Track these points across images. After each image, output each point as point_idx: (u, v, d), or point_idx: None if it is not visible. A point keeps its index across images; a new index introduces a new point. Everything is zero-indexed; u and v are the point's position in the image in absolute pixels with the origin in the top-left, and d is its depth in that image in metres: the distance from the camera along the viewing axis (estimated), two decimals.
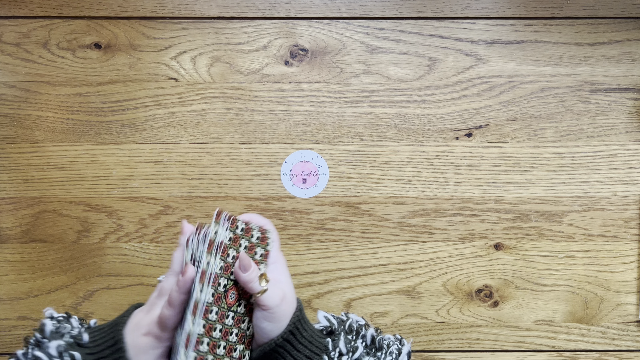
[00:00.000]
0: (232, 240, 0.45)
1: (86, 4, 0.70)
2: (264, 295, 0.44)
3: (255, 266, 0.45)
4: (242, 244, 0.46)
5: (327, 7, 0.70)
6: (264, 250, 0.48)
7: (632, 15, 0.71)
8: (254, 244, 0.47)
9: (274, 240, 0.49)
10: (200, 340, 0.42)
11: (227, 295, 0.44)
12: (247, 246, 0.46)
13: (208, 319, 0.42)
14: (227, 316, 0.44)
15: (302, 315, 0.47)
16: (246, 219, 0.49)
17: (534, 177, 0.72)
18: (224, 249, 0.44)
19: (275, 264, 0.48)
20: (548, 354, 0.73)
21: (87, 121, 0.71)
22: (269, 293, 0.44)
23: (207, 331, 0.42)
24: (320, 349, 0.46)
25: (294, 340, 0.45)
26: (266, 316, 0.44)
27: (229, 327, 0.44)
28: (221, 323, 0.44)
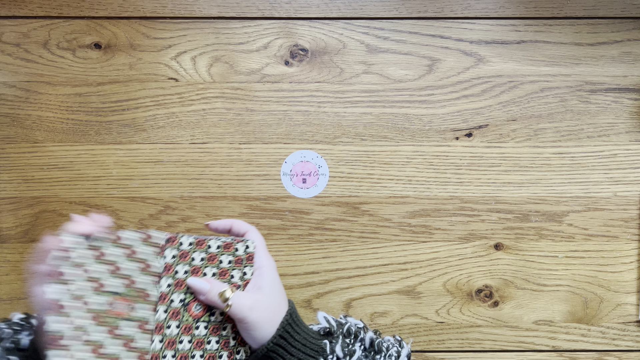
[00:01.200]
0: (176, 257, 0.45)
1: (86, 4, 0.70)
2: (230, 310, 0.44)
3: (213, 284, 0.45)
4: (196, 257, 0.46)
5: (327, 7, 0.70)
6: (232, 256, 0.47)
7: (632, 15, 0.71)
8: (213, 254, 0.47)
9: (257, 246, 0.48)
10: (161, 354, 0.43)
11: (189, 309, 0.45)
12: (205, 257, 0.46)
13: (164, 334, 0.43)
14: (197, 327, 0.45)
15: (294, 319, 0.46)
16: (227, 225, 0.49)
17: (534, 177, 0.72)
18: (168, 267, 0.45)
19: (260, 269, 0.47)
20: (548, 354, 0.73)
21: (87, 121, 0.71)
22: (235, 306, 0.44)
23: (168, 345, 0.43)
24: (316, 351, 0.46)
25: (285, 344, 0.45)
26: (242, 326, 0.45)
27: (203, 336, 0.45)
28: (189, 335, 0.44)
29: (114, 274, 0.42)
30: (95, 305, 0.41)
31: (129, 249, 0.44)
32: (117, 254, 0.43)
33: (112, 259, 0.43)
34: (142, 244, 0.45)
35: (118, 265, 0.43)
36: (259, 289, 0.46)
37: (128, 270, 0.43)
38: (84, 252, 0.41)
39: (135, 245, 0.45)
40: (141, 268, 0.44)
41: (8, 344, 0.45)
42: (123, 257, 0.43)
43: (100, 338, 0.40)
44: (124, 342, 0.42)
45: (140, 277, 0.44)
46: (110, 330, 0.41)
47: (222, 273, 0.47)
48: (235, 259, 0.48)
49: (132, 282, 0.43)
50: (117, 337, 0.41)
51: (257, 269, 0.47)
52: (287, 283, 0.72)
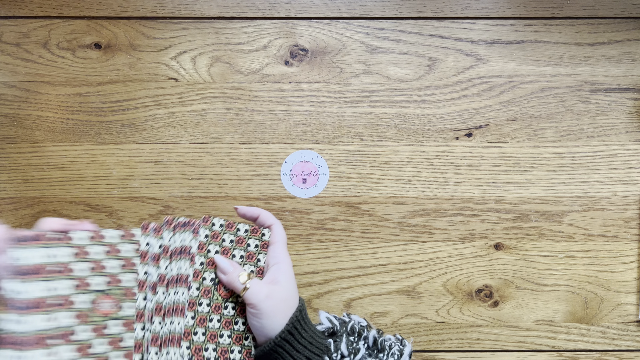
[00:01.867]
0: (208, 237, 0.46)
1: (86, 4, 0.70)
2: (247, 293, 0.44)
3: (235, 267, 0.46)
4: (226, 238, 0.47)
5: (327, 7, 0.70)
6: (258, 241, 0.48)
7: (632, 15, 0.71)
8: (242, 237, 0.48)
9: (278, 239, 0.49)
10: (192, 330, 0.43)
11: (219, 288, 0.46)
12: (234, 240, 0.47)
13: (196, 311, 0.44)
14: (226, 307, 0.46)
15: (303, 316, 0.47)
16: (255, 214, 0.50)
17: (534, 177, 0.72)
18: (201, 246, 0.45)
19: (277, 265, 0.48)
20: (548, 354, 0.73)
21: (87, 121, 0.71)
22: (252, 290, 0.45)
23: (199, 322, 0.44)
24: (321, 350, 0.46)
25: (292, 340, 0.45)
26: (253, 313, 0.45)
27: (231, 317, 0.46)
28: (218, 314, 0.45)
29: (98, 272, 0.42)
30: (80, 304, 0.40)
31: (111, 246, 0.44)
32: (99, 252, 0.43)
33: (95, 257, 0.42)
34: (123, 241, 0.45)
35: (102, 264, 0.42)
36: (276, 281, 0.47)
37: (112, 268, 0.43)
38: (65, 250, 0.40)
39: (118, 243, 0.44)
40: (124, 266, 0.44)
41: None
42: (106, 255, 0.43)
43: (86, 337, 0.40)
44: (110, 340, 0.41)
45: (124, 275, 0.44)
46: (97, 329, 0.41)
47: (249, 256, 0.48)
48: (261, 244, 0.49)
49: (117, 281, 0.43)
50: (103, 336, 0.41)
51: (275, 263, 0.48)
52: None
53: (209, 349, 0.44)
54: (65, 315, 0.39)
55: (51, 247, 0.40)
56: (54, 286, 0.39)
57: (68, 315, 0.39)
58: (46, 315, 0.38)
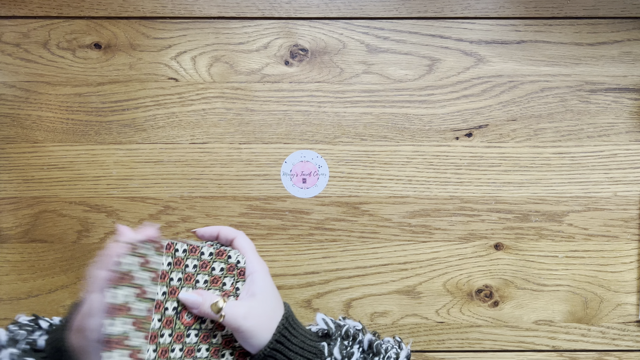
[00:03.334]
0: (171, 264, 0.45)
1: (86, 4, 0.70)
2: (224, 320, 0.44)
3: (205, 296, 0.45)
4: (189, 264, 0.46)
5: (327, 7, 0.70)
6: (224, 264, 0.47)
7: (632, 15, 0.71)
8: (206, 261, 0.47)
9: (246, 249, 0.48)
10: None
11: (181, 316, 0.45)
12: (197, 264, 0.46)
13: (158, 343, 0.43)
14: (188, 335, 0.45)
15: (290, 322, 0.46)
16: (214, 232, 0.49)
17: (534, 177, 0.72)
18: (164, 274, 0.45)
19: (252, 275, 0.47)
20: (548, 354, 0.73)
21: (87, 121, 0.71)
22: (229, 316, 0.44)
23: (161, 354, 0.43)
24: (314, 353, 0.46)
25: (282, 349, 0.45)
26: (239, 335, 0.44)
27: (194, 344, 0.45)
28: (180, 343, 0.45)
29: (155, 281, 0.43)
30: (137, 311, 0.41)
31: (173, 257, 0.45)
32: (159, 262, 0.44)
33: (154, 266, 0.43)
34: (186, 254, 0.46)
35: (159, 273, 0.44)
36: (252, 295, 0.46)
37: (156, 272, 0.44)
38: (132, 259, 0.42)
39: (179, 253, 0.45)
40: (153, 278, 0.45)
41: (24, 346, 0.45)
42: (165, 266, 0.44)
43: (139, 343, 0.41)
44: (160, 349, 0.43)
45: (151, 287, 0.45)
46: (147, 336, 0.42)
47: (214, 280, 0.47)
48: (227, 267, 0.47)
49: (173, 290, 0.45)
50: (153, 342, 0.42)
51: (248, 275, 0.47)
52: (287, 283, 0.72)
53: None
54: (124, 321, 0.41)
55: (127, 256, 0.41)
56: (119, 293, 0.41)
57: (127, 321, 0.41)
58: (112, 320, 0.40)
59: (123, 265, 0.41)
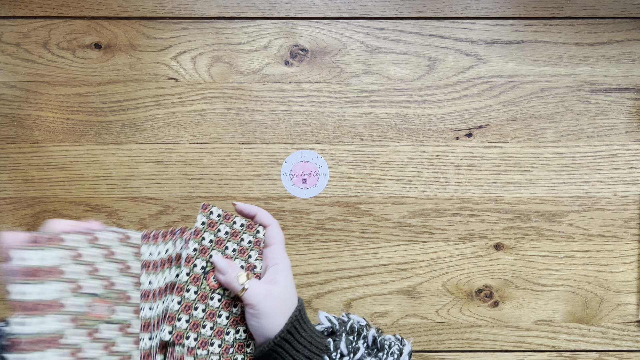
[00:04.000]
0: (205, 224, 0.46)
1: (86, 4, 0.70)
2: (245, 294, 0.44)
3: (233, 267, 0.46)
4: (222, 229, 0.47)
5: (327, 7, 0.70)
6: (252, 237, 0.48)
7: (632, 15, 0.71)
8: (237, 231, 0.48)
9: (276, 240, 0.49)
10: (176, 316, 0.43)
11: (208, 277, 0.46)
12: (229, 232, 0.47)
13: (183, 297, 0.43)
14: (212, 298, 0.45)
15: (302, 316, 0.47)
16: (252, 211, 0.50)
17: (534, 177, 0.72)
18: (197, 232, 0.45)
19: (276, 265, 0.48)
20: (548, 354, 0.73)
21: (87, 121, 0.71)
22: (251, 290, 0.44)
23: (185, 309, 0.43)
24: (320, 349, 0.46)
25: (292, 340, 0.45)
26: (252, 314, 0.45)
27: (216, 309, 0.45)
28: (204, 303, 0.45)
29: (92, 275, 0.41)
30: (74, 307, 0.39)
31: (107, 249, 0.43)
32: (94, 254, 0.42)
33: (89, 259, 0.41)
34: (120, 244, 0.44)
35: (96, 267, 0.41)
36: (274, 282, 0.47)
37: (107, 271, 0.42)
38: (60, 253, 0.39)
39: (114, 245, 0.43)
40: (120, 269, 0.43)
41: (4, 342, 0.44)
42: (101, 258, 0.42)
43: (79, 341, 0.39)
44: (104, 345, 0.41)
45: (120, 278, 0.43)
46: (90, 333, 0.40)
47: (242, 251, 0.48)
48: (255, 241, 0.49)
49: (112, 284, 0.42)
50: (96, 340, 0.40)
51: (274, 264, 0.48)
52: None
53: (190, 337, 0.43)
54: (57, 318, 0.38)
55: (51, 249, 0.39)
56: (48, 288, 0.38)
57: (60, 318, 0.38)
58: (41, 317, 0.38)
59: (48, 260, 0.38)
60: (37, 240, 0.39)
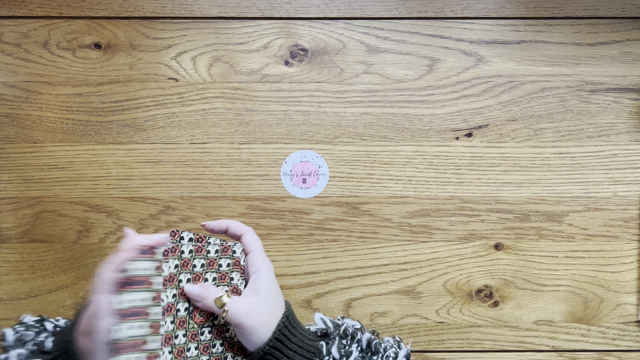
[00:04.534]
0: (178, 267, 0.45)
1: (86, 4, 0.70)
2: (227, 315, 0.44)
3: (209, 291, 0.45)
4: (197, 264, 0.46)
5: (327, 7, 0.70)
6: (230, 259, 0.48)
7: (632, 15, 0.71)
8: (212, 259, 0.47)
9: (253, 247, 0.48)
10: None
11: (193, 315, 0.46)
12: (205, 263, 0.47)
13: (174, 344, 0.44)
14: (202, 333, 0.46)
15: (290, 321, 0.46)
16: (223, 226, 0.49)
17: (534, 177, 0.72)
18: (172, 277, 0.45)
19: (256, 273, 0.47)
20: (548, 354, 0.73)
21: (87, 121, 0.71)
22: (232, 312, 0.44)
23: (177, 354, 0.44)
24: (312, 352, 0.46)
25: (282, 347, 0.45)
26: (240, 331, 0.45)
27: (208, 341, 0.46)
28: (195, 341, 0.45)
29: (164, 286, 0.44)
30: (154, 315, 0.42)
31: (179, 260, 0.46)
32: (167, 266, 0.44)
33: (165, 272, 0.44)
34: (193, 255, 0.47)
35: (166, 277, 0.44)
36: (255, 293, 0.46)
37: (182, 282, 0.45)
38: (148, 264, 0.42)
39: (185, 255, 0.46)
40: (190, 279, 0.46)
41: (31, 347, 0.45)
42: (172, 269, 0.45)
43: (155, 347, 0.42)
44: (175, 350, 0.44)
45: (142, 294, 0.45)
46: (162, 340, 0.43)
47: (222, 277, 0.47)
48: (233, 262, 0.48)
49: (182, 292, 0.45)
50: (169, 345, 0.43)
51: (254, 272, 0.47)
52: (287, 283, 0.72)
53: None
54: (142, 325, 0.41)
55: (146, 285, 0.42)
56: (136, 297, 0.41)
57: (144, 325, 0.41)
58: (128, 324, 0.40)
59: (139, 270, 0.41)
60: (143, 251, 0.42)
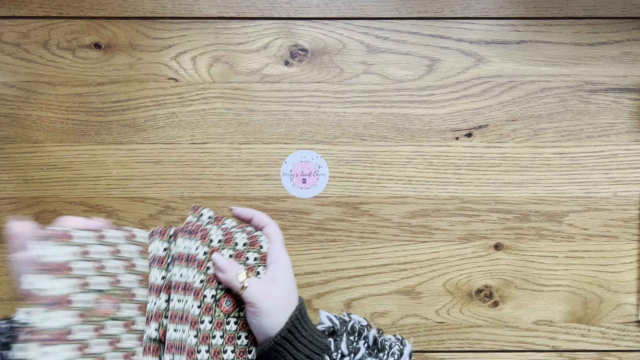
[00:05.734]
0: (207, 254, 0.46)
1: (86, 4, 0.70)
2: (245, 292, 0.45)
3: (233, 265, 0.46)
4: (225, 253, 0.47)
5: (327, 7, 0.70)
6: (257, 253, 0.48)
7: (632, 15, 0.71)
8: (240, 251, 0.47)
9: (275, 239, 0.49)
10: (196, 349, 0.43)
11: (220, 304, 0.46)
12: (233, 254, 0.47)
13: (199, 329, 0.44)
14: (228, 322, 0.46)
15: (302, 315, 0.47)
16: (249, 215, 0.50)
17: (534, 177, 0.72)
18: (201, 263, 0.45)
19: (276, 263, 0.48)
20: (548, 354, 0.73)
21: (87, 121, 0.71)
22: (250, 288, 0.45)
23: (202, 340, 0.44)
24: (321, 349, 0.46)
25: (292, 339, 0.45)
26: (252, 312, 0.45)
27: (234, 332, 0.46)
28: (221, 330, 0.45)
29: (99, 271, 0.42)
30: (81, 303, 0.40)
31: (113, 247, 0.43)
32: (102, 251, 0.42)
33: (97, 256, 0.42)
34: (126, 242, 0.44)
35: (103, 264, 0.42)
36: (274, 280, 0.47)
37: (113, 268, 0.43)
38: (70, 249, 0.40)
39: (120, 243, 0.44)
40: (126, 266, 0.44)
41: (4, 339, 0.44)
42: (108, 255, 0.43)
43: (85, 337, 0.39)
44: (109, 341, 0.41)
45: (125, 276, 0.43)
46: (96, 329, 0.40)
47: (249, 270, 0.48)
48: (260, 256, 0.48)
49: (117, 281, 0.43)
50: (102, 336, 0.41)
51: (273, 262, 0.48)
52: None
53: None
54: (66, 314, 0.39)
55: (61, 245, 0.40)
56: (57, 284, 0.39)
57: (69, 314, 0.39)
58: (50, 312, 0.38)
59: (58, 257, 0.39)
60: (50, 236, 0.40)
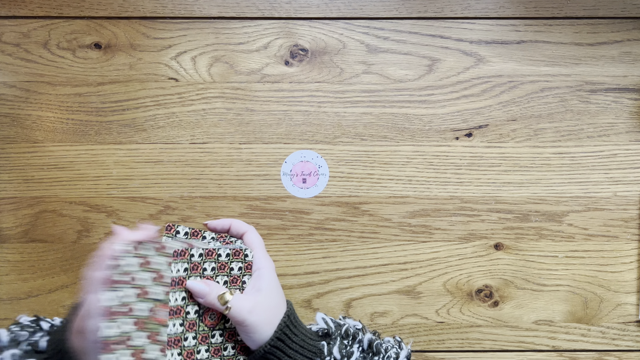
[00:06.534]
0: (188, 270, 0.45)
1: (86, 4, 0.70)
2: (230, 313, 0.44)
3: (212, 287, 0.45)
4: (207, 267, 0.46)
5: (327, 7, 0.70)
6: (241, 263, 0.48)
7: (632, 15, 0.71)
8: (224, 263, 0.47)
9: (255, 245, 0.48)
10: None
11: (204, 318, 0.46)
12: (215, 267, 0.47)
13: (183, 346, 0.44)
14: (213, 335, 0.46)
15: (292, 320, 0.47)
16: (225, 225, 0.49)
17: (534, 177, 0.72)
18: (181, 280, 0.45)
19: (258, 271, 0.47)
20: (548, 354, 0.73)
21: (87, 121, 0.71)
22: (234, 308, 0.44)
23: (187, 356, 0.44)
24: (314, 352, 0.46)
25: (283, 347, 0.45)
26: (242, 329, 0.45)
27: (219, 344, 0.46)
28: (206, 344, 0.45)
29: (157, 281, 0.43)
30: (139, 311, 0.41)
31: (189, 263, 0.45)
32: (160, 262, 0.44)
33: (156, 267, 0.43)
34: (203, 258, 0.46)
35: (161, 274, 0.44)
36: (258, 291, 0.46)
37: (168, 278, 0.44)
38: (131, 260, 0.42)
39: (195, 258, 0.46)
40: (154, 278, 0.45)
41: (25, 347, 0.45)
42: (166, 266, 0.44)
43: (141, 343, 0.41)
44: (161, 347, 0.43)
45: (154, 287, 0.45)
46: (151, 335, 0.42)
47: (234, 280, 0.47)
48: (245, 265, 0.48)
49: (168, 292, 0.44)
50: (156, 342, 0.42)
51: (255, 270, 0.47)
52: (287, 283, 0.72)
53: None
54: (126, 321, 0.40)
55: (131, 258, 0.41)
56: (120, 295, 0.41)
57: (128, 321, 0.41)
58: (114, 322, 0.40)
59: (122, 267, 0.41)
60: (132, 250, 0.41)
